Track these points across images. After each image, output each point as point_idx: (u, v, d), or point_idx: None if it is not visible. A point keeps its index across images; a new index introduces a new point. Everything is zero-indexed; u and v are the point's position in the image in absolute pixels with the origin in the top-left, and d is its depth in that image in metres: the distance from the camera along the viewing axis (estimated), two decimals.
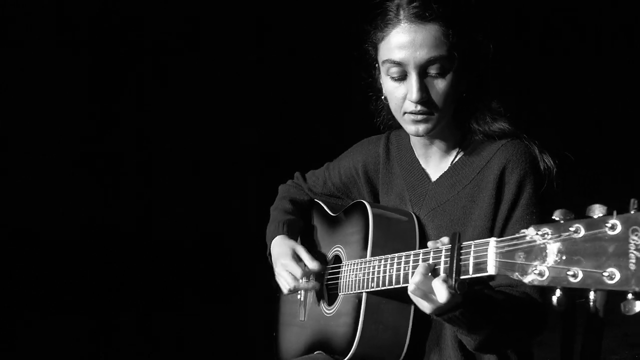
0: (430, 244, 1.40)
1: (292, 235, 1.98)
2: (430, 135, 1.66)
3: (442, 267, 1.33)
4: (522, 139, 1.61)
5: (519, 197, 1.54)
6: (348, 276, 1.72)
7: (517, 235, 1.14)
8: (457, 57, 1.53)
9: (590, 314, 1.44)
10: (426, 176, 1.77)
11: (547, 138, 1.64)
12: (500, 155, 1.58)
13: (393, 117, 1.71)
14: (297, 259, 1.85)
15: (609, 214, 1.00)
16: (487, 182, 1.59)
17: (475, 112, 1.66)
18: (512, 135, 1.62)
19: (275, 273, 1.91)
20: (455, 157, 1.71)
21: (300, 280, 1.80)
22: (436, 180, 1.73)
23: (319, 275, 1.91)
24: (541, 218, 1.51)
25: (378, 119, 1.88)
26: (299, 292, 1.95)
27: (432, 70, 1.53)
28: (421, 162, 1.79)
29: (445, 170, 1.71)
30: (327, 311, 1.84)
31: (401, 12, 1.54)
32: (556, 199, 1.55)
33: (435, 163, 1.76)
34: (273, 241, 1.98)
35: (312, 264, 1.81)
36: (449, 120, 1.65)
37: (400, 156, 1.87)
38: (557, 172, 1.56)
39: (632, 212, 0.97)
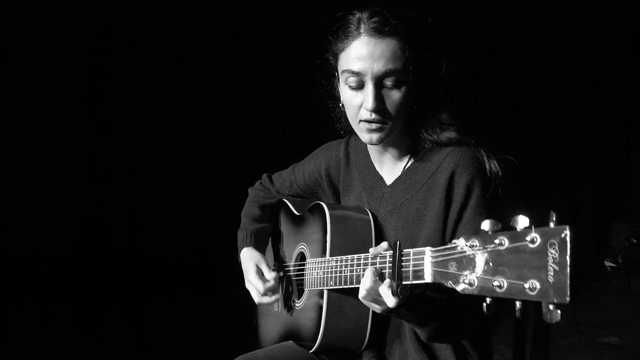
0: (371, 250, 1.42)
1: (259, 244, 2.03)
2: (384, 143, 1.65)
3: (387, 272, 1.34)
4: (470, 145, 1.59)
5: (468, 200, 1.53)
6: (311, 274, 1.73)
7: (449, 245, 1.12)
8: (412, 71, 1.51)
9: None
10: (381, 180, 1.75)
11: (493, 144, 1.61)
12: (450, 160, 1.56)
13: (350, 124, 1.68)
14: (261, 272, 1.90)
15: (531, 225, 0.97)
16: (437, 186, 1.57)
17: (425, 123, 1.63)
18: (460, 142, 1.60)
19: (247, 284, 1.96)
20: (407, 162, 1.69)
21: (263, 296, 1.88)
22: (391, 184, 1.71)
23: (287, 272, 1.96)
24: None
25: (338, 125, 1.85)
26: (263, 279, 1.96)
27: (388, 82, 1.51)
28: (376, 167, 1.78)
29: (399, 174, 1.70)
30: (297, 305, 1.86)
31: (362, 25, 1.51)
32: (502, 202, 1.54)
33: (389, 168, 1.74)
34: (241, 252, 2.02)
35: (270, 276, 1.87)
36: (400, 129, 1.63)
37: (358, 160, 1.85)
38: (502, 176, 1.54)
39: (551, 225, 0.93)
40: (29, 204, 3.22)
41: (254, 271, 1.89)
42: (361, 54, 1.50)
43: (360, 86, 1.54)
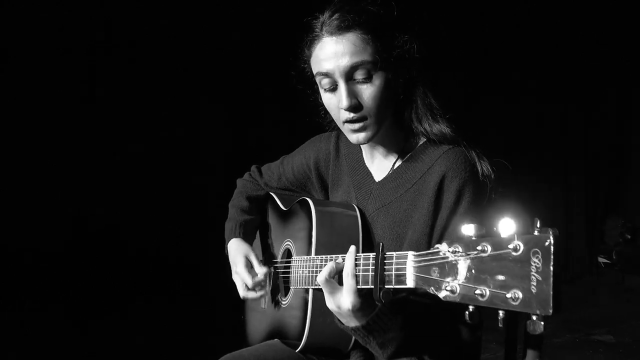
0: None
1: (247, 236, 1.97)
2: (375, 138, 1.59)
3: (360, 274, 1.30)
4: (462, 145, 1.54)
5: (458, 205, 1.48)
6: (296, 272, 1.68)
7: (432, 250, 1.07)
8: (381, 59, 1.47)
9: None
10: (370, 176, 1.71)
11: (485, 143, 1.56)
12: (442, 163, 1.51)
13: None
14: (250, 266, 1.85)
15: (514, 232, 0.92)
16: (427, 189, 1.52)
17: (416, 112, 1.59)
18: (453, 141, 1.55)
19: (234, 276, 1.90)
20: (398, 159, 1.64)
21: (250, 290, 1.83)
22: (380, 181, 1.67)
23: (273, 268, 1.91)
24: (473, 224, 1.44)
25: (327, 128, 1.83)
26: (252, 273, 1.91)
27: (359, 76, 1.48)
28: (366, 162, 1.74)
29: (389, 171, 1.65)
30: (283, 302, 1.81)
31: (323, 27, 1.50)
32: (494, 207, 1.50)
33: (379, 164, 1.70)
34: (229, 243, 1.97)
35: (260, 271, 1.82)
36: (391, 123, 1.59)
37: (349, 154, 1.81)
38: (495, 180, 1.49)
39: (535, 232, 0.89)
40: (28, 204, 3.24)
41: (243, 264, 1.84)
42: (326, 55, 1.49)
43: (334, 87, 1.52)
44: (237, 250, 1.91)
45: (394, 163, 1.64)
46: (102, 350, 3.26)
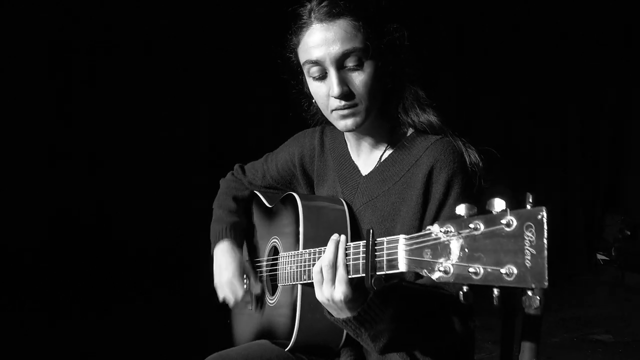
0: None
1: (237, 238, 1.90)
2: (361, 129, 1.57)
3: (351, 263, 1.27)
4: (449, 135, 1.51)
5: (447, 197, 1.45)
6: (284, 268, 1.64)
7: (423, 232, 1.05)
8: (372, 47, 1.44)
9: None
10: (357, 170, 1.68)
11: (484, 142, 1.53)
12: (429, 154, 1.48)
13: (326, 118, 1.61)
14: (242, 275, 1.80)
15: (507, 208, 0.90)
16: (415, 181, 1.49)
17: (403, 102, 1.56)
18: (440, 131, 1.52)
19: (221, 282, 1.83)
20: (385, 151, 1.61)
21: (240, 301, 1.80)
22: (367, 174, 1.64)
23: (260, 268, 1.87)
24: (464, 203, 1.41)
25: (311, 122, 1.79)
26: (245, 282, 1.85)
27: (350, 63, 1.45)
28: (352, 156, 1.70)
29: (375, 164, 1.62)
30: (270, 301, 1.76)
31: (312, 14, 1.48)
32: (483, 195, 1.47)
33: (366, 157, 1.66)
34: (218, 245, 1.89)
35: (255, 288, 1.81)
36: (377, 114, 1.56)
37: (334, 148, 1.77)
38: (483, 168, 1.47)
39: (527, 207, 0.87)
40: (29, 204, 3.26)
41: (238, 274, 1.79)
42: (316, 42, 1.46)
43: (323, 75, 1.49)
44: (228, 256, 1.84)
45: (381, 156, 1.61)
46: (101, 350, 3.23)
